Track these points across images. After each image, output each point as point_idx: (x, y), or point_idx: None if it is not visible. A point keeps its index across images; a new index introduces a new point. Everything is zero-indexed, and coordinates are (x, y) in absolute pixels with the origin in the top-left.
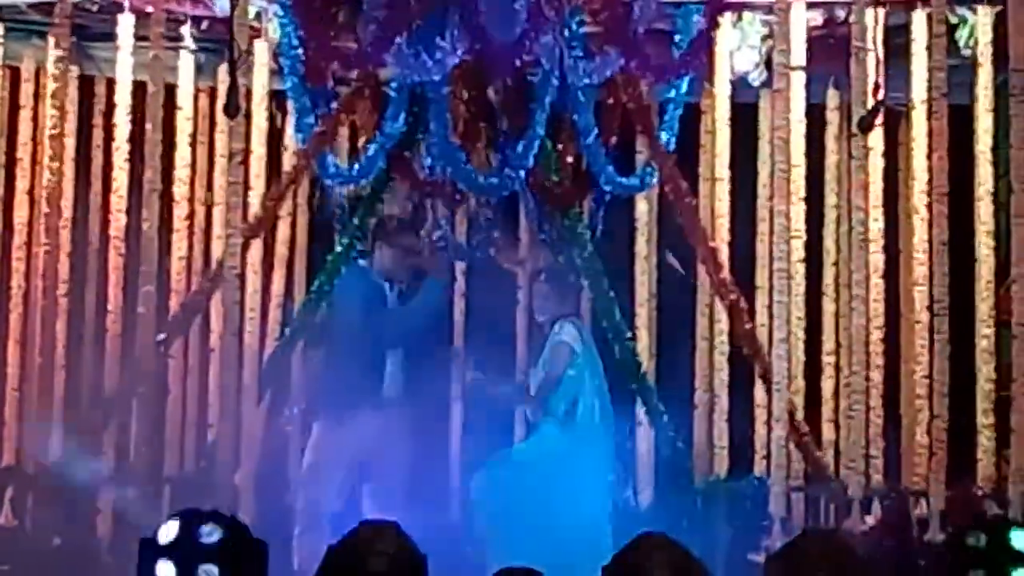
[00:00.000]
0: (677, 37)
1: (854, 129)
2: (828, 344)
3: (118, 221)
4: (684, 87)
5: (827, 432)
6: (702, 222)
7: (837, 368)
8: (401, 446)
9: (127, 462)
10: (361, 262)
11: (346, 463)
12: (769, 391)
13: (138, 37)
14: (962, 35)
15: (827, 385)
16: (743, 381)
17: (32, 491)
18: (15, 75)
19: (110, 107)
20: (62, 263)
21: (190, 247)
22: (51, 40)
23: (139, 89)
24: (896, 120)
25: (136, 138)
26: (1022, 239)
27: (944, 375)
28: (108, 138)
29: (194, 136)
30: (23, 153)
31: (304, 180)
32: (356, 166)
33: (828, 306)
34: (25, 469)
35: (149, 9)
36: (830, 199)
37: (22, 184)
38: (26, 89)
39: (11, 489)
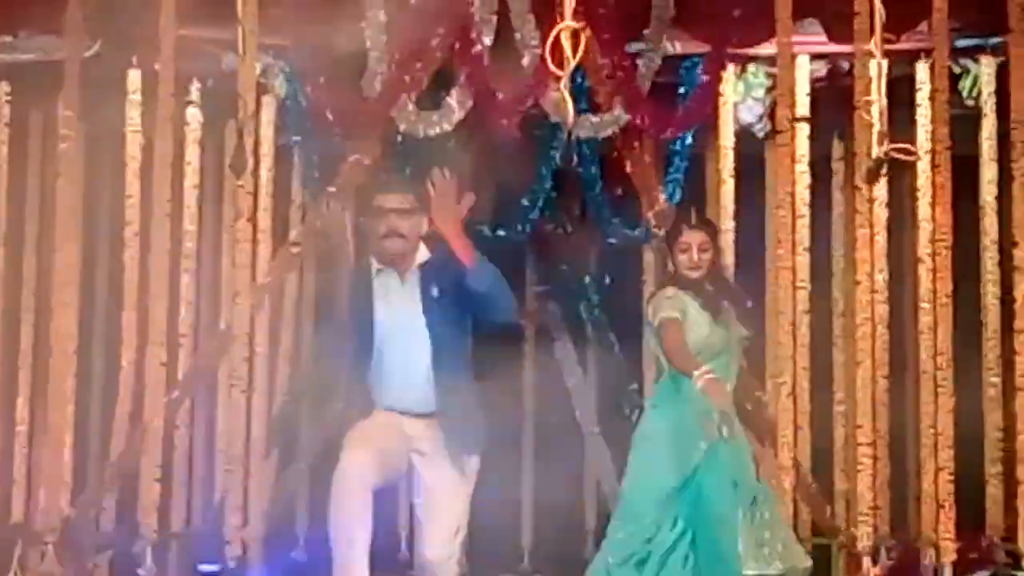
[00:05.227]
0: (681, 89)
1: (858, 181)
2: (838, 394)
3: (129, 277)
4: (689, 139)
5: (839, 483)
6: None
7: (847, 418)
8: None
9: (134, 518)
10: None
11: None
12: (775, 446)
13: (146, 93)
14: (966, 85)
15: (839, 435)
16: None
17: (40, 548)
18: (23, 132)
19: (118, 164)
20: (71, 317)
21: (197, 303)
22: (60, 98)
23: (147, 145)
24: (900, 170)
25: (144, 194)
26: None
27: (949, 427)
28: (116, 195)
29: (201, 192)
30: (31, 210)
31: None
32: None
33: (838, 356)
34: (32, 526)
35: (157, 66)
36: (836, 250)
37: (30, 242)
38: (33, 146)
39: (20, 546)
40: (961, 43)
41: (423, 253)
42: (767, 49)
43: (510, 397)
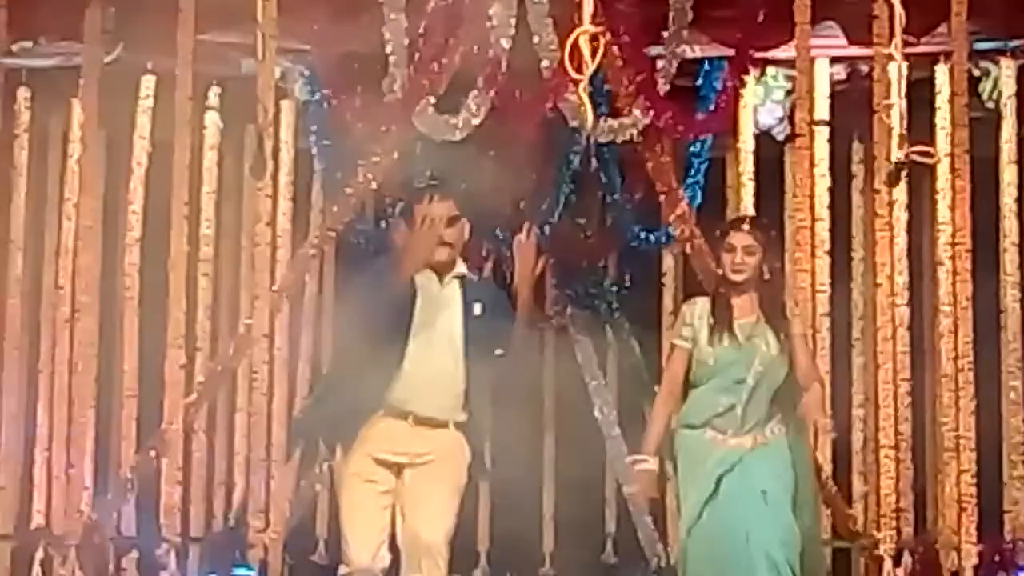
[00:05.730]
0: (701, 93)
1: (877, 184)
2: (858, 397)
3: (133, 279)
4: (708, 142)
5: (858, 485)
6: None
7: (866, 421)
8: None
9: (155, 521)
10: None
11: None
12: None
13: (165, 98)
14: (986, 87)
15: (857, 438)
16: None
17: (62, 552)
18: (42, 138)
19: (136, 167)
20: (92, 322)
21: (215, 307)
22: (77, 103)
23: (166, 150)
24: (920, 173)
25: (160, 199)
26: None
27: (971, 429)
28: (131, 199)
29: (219, 195)
30: (50, 214)
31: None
32: (383, 224)
33: (857, 359)
34: (53, 530)
35: (176, 71)
36: (856, 252)
37: (50, 246)
38: (53, 151)
39: (41, 550)
40: (981, 46)
41: (461, 264)
42: (786, 52)
43: (530, 399)
